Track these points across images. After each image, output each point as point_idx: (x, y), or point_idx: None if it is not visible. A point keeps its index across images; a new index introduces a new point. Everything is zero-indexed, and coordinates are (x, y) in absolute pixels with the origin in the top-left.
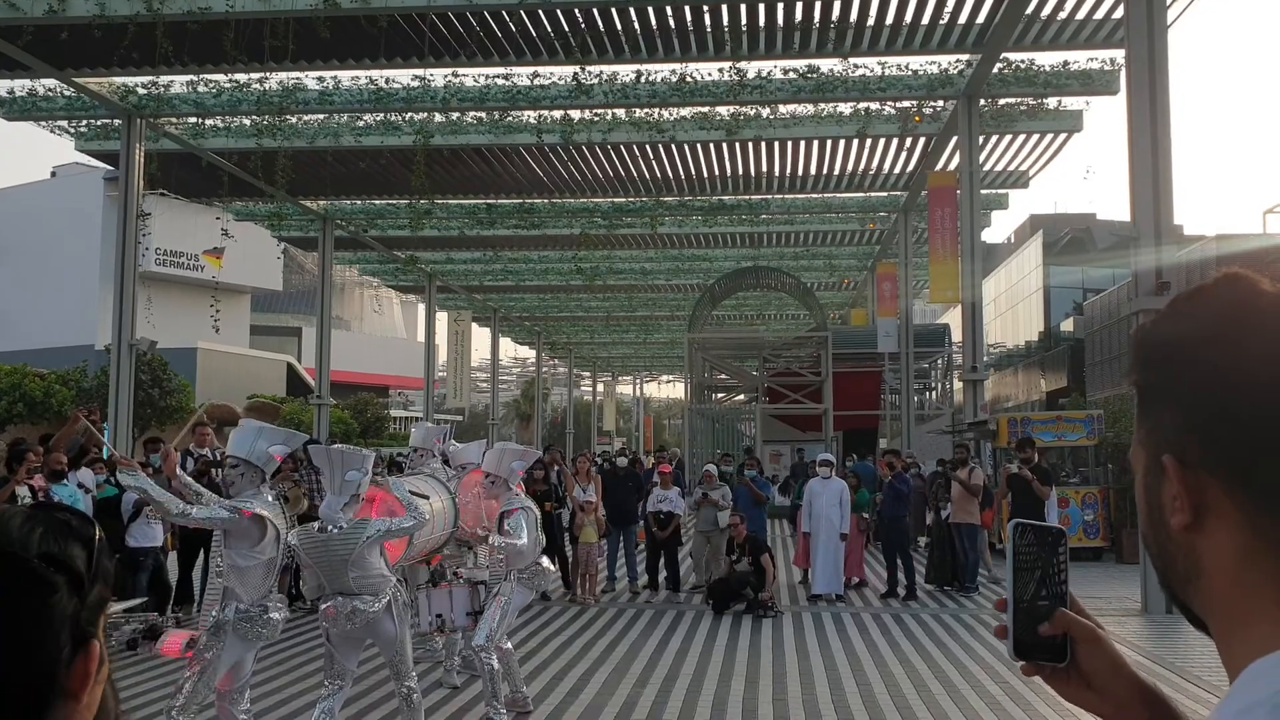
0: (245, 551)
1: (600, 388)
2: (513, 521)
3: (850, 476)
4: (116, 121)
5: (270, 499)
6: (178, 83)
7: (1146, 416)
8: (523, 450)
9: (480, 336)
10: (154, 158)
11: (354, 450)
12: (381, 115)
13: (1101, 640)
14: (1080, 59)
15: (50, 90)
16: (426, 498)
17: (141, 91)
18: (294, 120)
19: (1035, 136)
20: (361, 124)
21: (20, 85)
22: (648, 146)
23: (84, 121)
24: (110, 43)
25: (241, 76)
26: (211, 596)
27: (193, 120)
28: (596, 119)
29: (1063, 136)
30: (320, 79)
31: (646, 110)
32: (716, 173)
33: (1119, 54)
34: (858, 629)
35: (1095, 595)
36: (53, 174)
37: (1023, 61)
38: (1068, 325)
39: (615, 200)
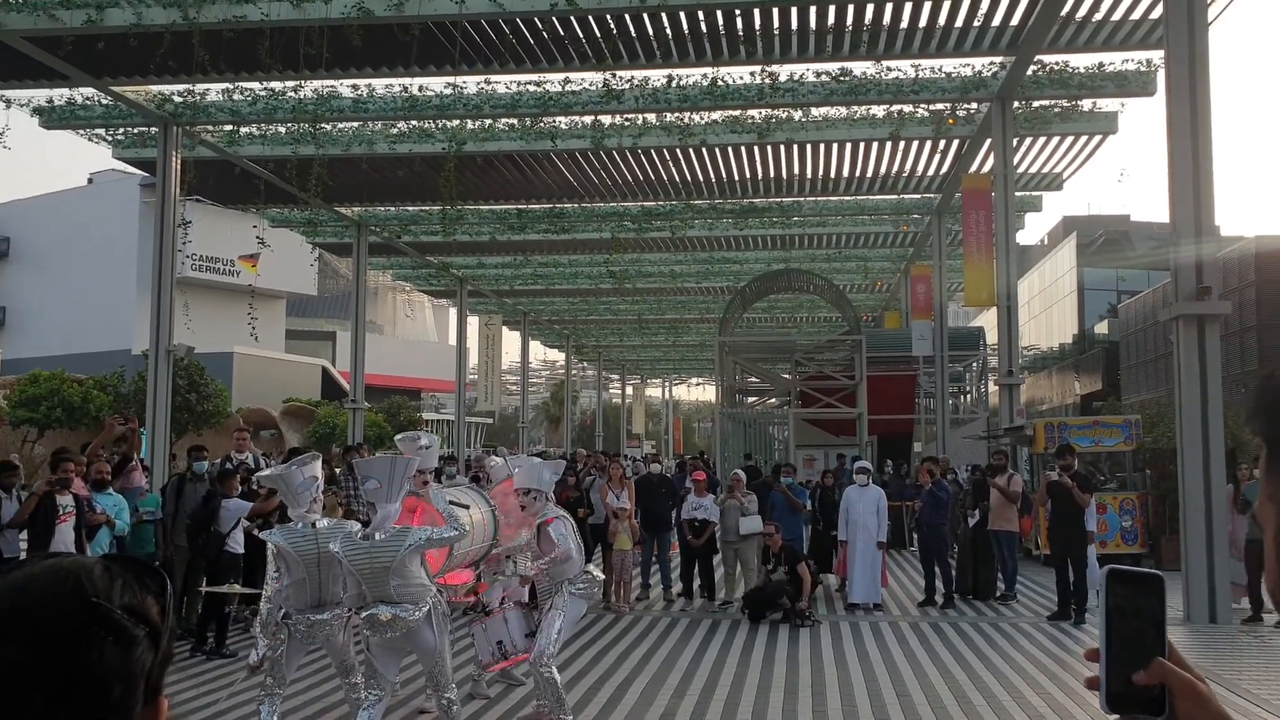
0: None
1: (629, 390)
2: (556, 531)
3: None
4: (153, 129)
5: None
6: (213, 91)
7: (1278, 471)
8: (551, 463)
9: (511, 340)
10: (190, 165)
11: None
12: (415, 122)
13: (1202, 694)
14: (1116, 60)
15: (88, 99)
16: (466, 507)
17: (178, 99)
18: (328, 128)
19: (1070, 138)
20: (395, 131)
21: (59, 94)
22: (678, 150)
23: (121, 129)
24: (147, 51)
25: (276, 84)
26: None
27: (228, 128)
28: (627, 124)
29: (1098, 138)
30: (354, 86)
31: (677, 114)
32: (747, 175)
33: (1156, 55)
34: (896, 638)
35: None
36: (89, 181)
37: (1057, 63)
38: (1102, 328)
39: (645, 204)
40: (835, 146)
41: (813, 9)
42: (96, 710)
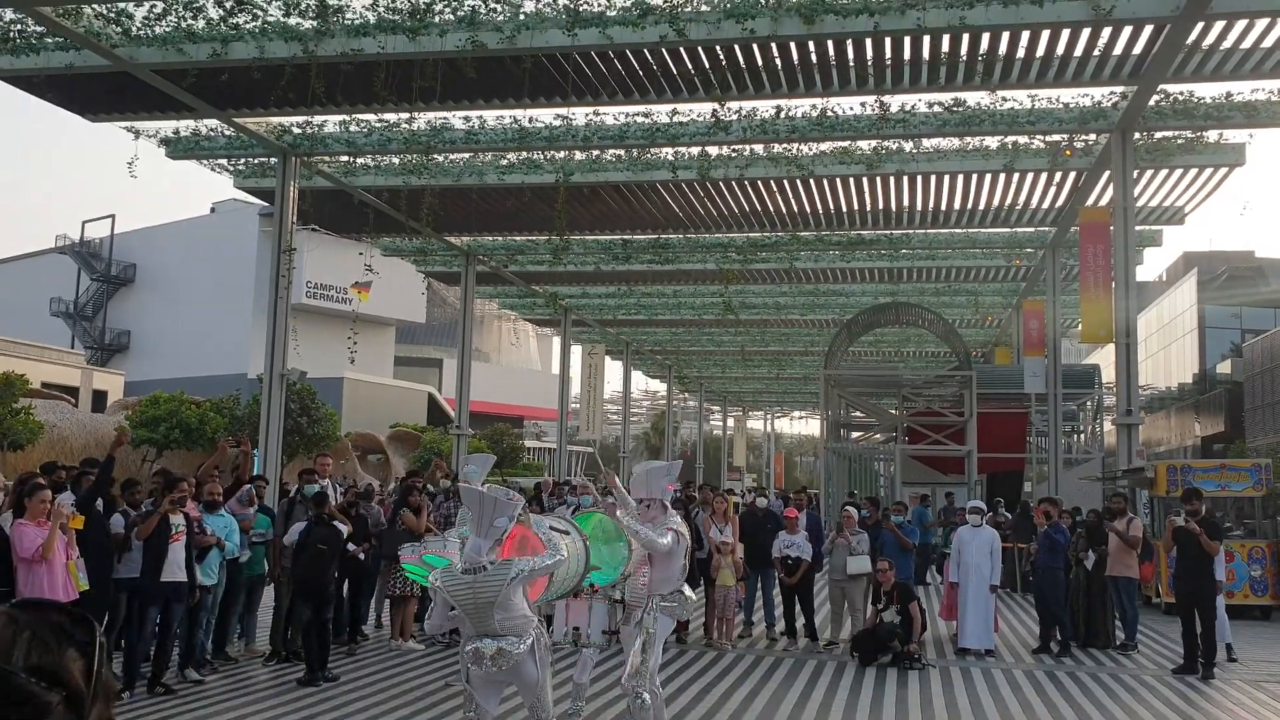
0: None
1: (731, 422)
2: (659, 531)
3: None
4: (272, 160)
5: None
6: (330, 122)
7: None
8: (665, 466)
9: (613, 369)
10: (307, 194)
11: (507, 498)
12: (524, 153)
13: None
14: (1245, 89)
15: (211, 130)
16: (567, 534)
17: (296, 131)
18: (440, 159)
19: (1193, 171)
20: (505, 162)
21: (184, 126)
22: (785, 181)
23: (242, 160)
24: (268, 84)
25: (391, 116)
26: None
27: (344, 159)
28: (734, 155)
29: (1223, 171)
30: (466, 118)
31: (785, 145)
32: (856, 207)
33: None
34: (1010, 687)
35: (1263, 658)
36: (212, 209)
37: (1182, 93)
38: (1224, 367)
39: (750, 235)
40: (947, 178)
41: (925, 39)
42: None
